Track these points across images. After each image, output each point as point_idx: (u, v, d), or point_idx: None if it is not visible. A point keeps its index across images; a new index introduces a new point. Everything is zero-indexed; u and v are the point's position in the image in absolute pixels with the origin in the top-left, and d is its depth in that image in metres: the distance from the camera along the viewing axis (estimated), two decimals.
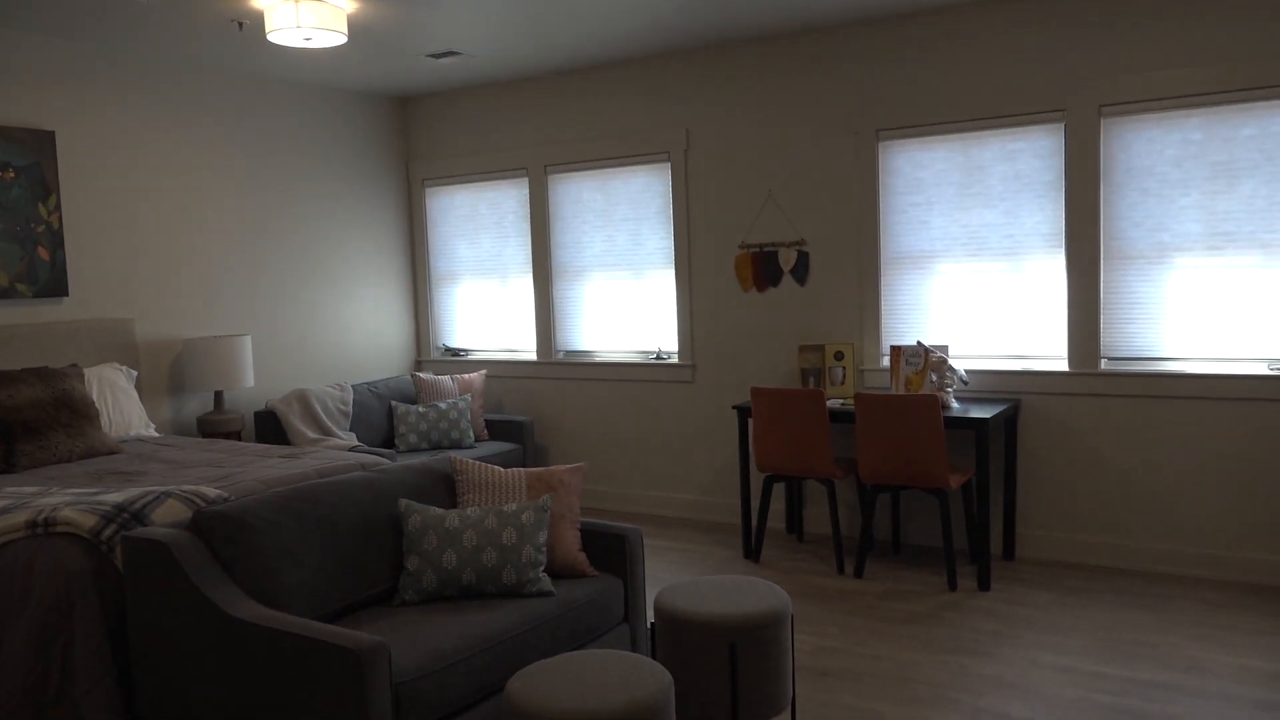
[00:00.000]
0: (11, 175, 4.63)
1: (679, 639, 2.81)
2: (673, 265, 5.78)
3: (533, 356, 6.41)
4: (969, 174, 4.85)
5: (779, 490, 5.56)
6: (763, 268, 5.46)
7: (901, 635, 3.89)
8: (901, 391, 4.69)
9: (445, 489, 3.37)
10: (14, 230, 4.64)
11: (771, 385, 5.49)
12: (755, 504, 5.56)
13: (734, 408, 5.09)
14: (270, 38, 4.24)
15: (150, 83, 5.23)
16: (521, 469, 3.38)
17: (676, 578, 4.72)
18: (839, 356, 5.11)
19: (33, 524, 3.02)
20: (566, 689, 2.32)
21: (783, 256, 5.39)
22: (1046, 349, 4.77)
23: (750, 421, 5.29)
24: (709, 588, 3.00)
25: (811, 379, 5.17)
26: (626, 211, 5.91)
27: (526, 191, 6.30)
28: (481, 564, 2.97)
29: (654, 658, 2.94)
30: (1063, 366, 4.73)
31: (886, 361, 5.15)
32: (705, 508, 5.81)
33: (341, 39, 4.34)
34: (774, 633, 2.81)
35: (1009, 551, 4.82)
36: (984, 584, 4.39)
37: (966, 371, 4.91)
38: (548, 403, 6.35)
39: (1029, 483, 4.84)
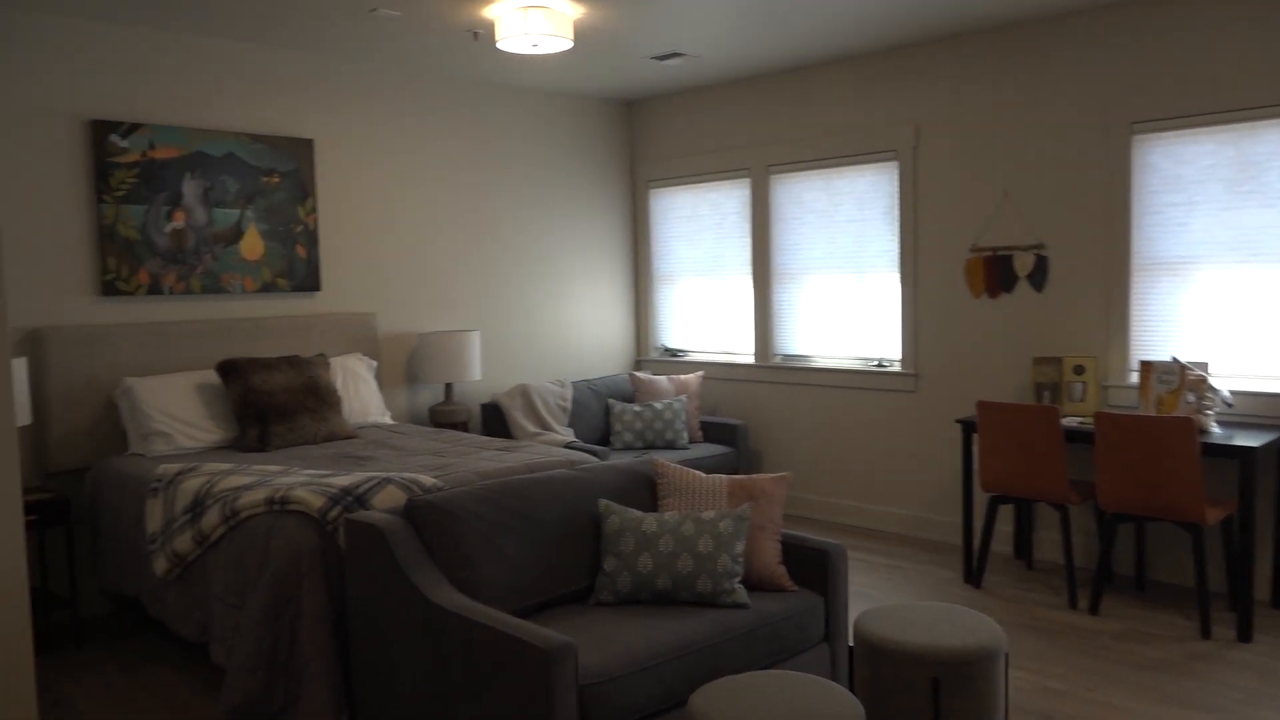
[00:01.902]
0: (277, 180, 5.08)
1: (878, 667, 2.65)
2: (898, 269, 5.53)
3: (750, 359, 6.33)
4: (1241, 170, 4.30)
5: (1006, 512, 5.18)
6: (996, 272, 5.10)
7: (1140, 683, 3.50)
8: (1151, 412, 4.23)
9: (646, 491, 3.36)
10: (277, 230, 5.09)
11: (1001, 399, 5.13)
12: (979, 525, 5.21)
13: (958, 421, 4.78)
14: (500, 46, 4.40)
15: (394, 92, 5.59)
16: (723, 475, 3.32)
17: (889, 597, 4.50)
18: (1079, 371, 4.69)
19: (271, 500, 3.28)
20: (749, 710, 2.23)
21: (1018, 261, 5.01)
22: None
23: (975, 437, 4.96)
24: (914, 614, 2.81)
25: (1046, 394, 4.77)
26: (850, 212, 5.71)
27: (748, 192, 6.23)
28: (676, 570, 2.93)
29: (850, 685, 2.79)
30: None
31: (1135, 378, 4.67)
32: (924, 525, 5.51)
33: (567, 44, 4.44)
34: (984, 670, 2.59)
35: (1278, 599, 4.24)
36: (1244, 634, 3.88)
37: (1231, 393, 4.36)
38: (763, 407, 6.25)
39: None
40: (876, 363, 5.70)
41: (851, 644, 3.19)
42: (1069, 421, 4.48)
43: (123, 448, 4.52)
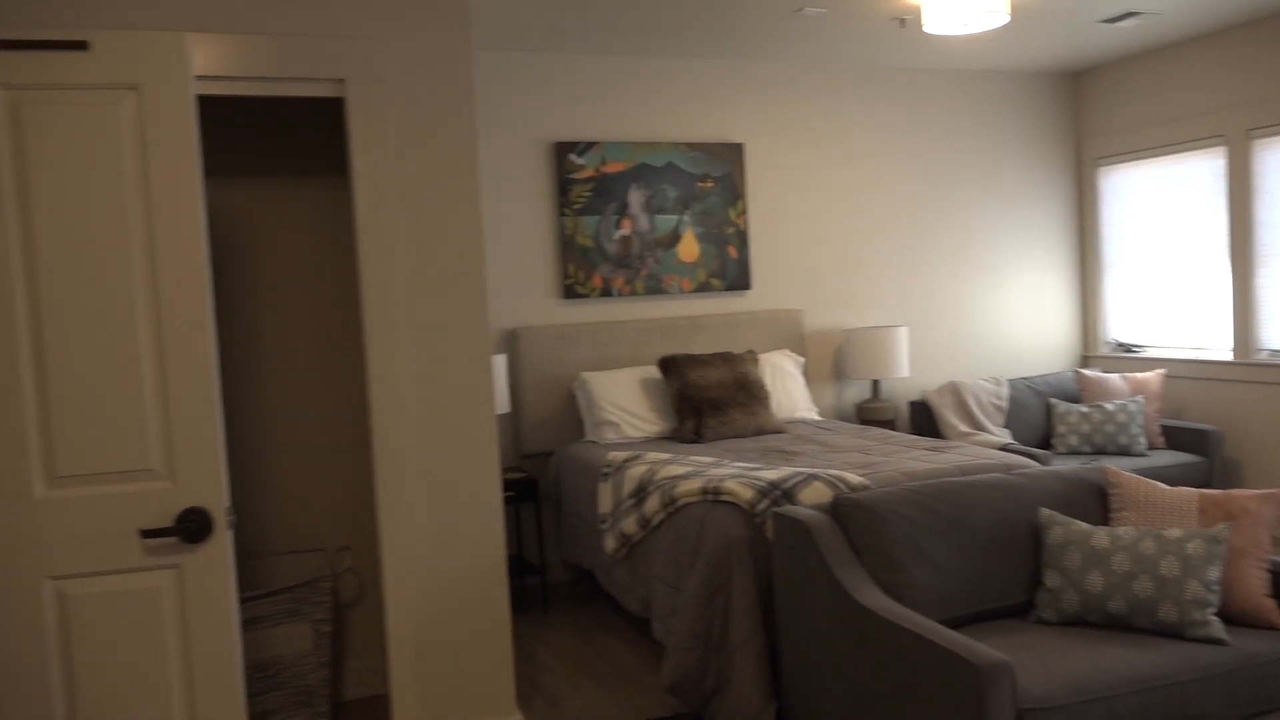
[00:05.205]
0: (710, 185, 5.35)
1: None
2: None
3: (1225, 356, 5.48)
4: None
5: None
6: None
7: None
8: None
9: (1096, 502, 3.03)
10: (711, 233, 5.36)
11: None
12: None
13: None
14: (926, 29, 4.23)
15: (817, 89, 5.62)
16: (1193, 489, 2.90)
17: None
18: None
19: (705, 490, 3.45)
20: None
21: None
22: None
23: None
24: None
25: None
26: None
27: (1221, 162, 5.39)
28: (1133, 593, 2.61)
29: None
30: None
31: None
32: None
33: (1003, 19, 4.15)
34: None
35: None
36: None
37: None
38: (1243, 411, 5.37)
39: None
40: None
41: None
42: None
43: (579, 435, 5.04)
